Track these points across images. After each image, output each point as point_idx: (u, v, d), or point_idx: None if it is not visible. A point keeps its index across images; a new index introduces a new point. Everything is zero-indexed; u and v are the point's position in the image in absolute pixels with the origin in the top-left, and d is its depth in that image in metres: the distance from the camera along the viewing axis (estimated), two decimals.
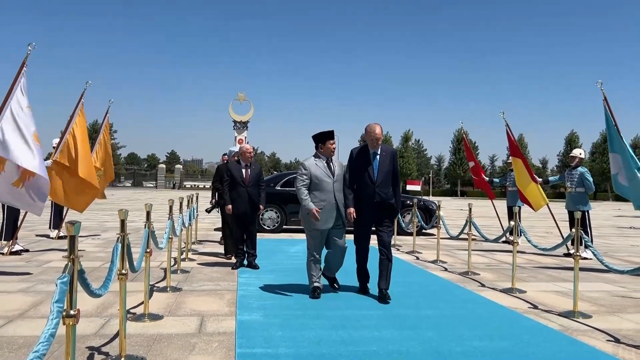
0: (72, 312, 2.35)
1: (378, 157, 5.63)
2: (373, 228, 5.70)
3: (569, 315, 5.07)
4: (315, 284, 5.68)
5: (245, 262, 7.60)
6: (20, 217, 8.58)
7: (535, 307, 5.44)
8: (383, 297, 5.43)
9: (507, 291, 6.16)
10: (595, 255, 5.20)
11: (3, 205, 8.31)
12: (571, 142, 69.97)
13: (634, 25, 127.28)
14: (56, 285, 2.20)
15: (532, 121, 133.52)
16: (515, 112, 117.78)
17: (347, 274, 6.18)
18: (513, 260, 6.32)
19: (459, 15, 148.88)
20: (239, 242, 7.65)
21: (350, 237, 5.72)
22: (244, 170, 7.58)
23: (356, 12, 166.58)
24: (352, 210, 5.54)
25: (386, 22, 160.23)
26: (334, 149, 5.78)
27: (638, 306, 5.60)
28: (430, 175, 71.40)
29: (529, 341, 4.20)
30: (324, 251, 5.86)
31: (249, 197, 7.50)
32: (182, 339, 4.06)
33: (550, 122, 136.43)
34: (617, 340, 4.28)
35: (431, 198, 30.00)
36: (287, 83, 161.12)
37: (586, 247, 5.59)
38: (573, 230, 5.26)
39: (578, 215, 5.26)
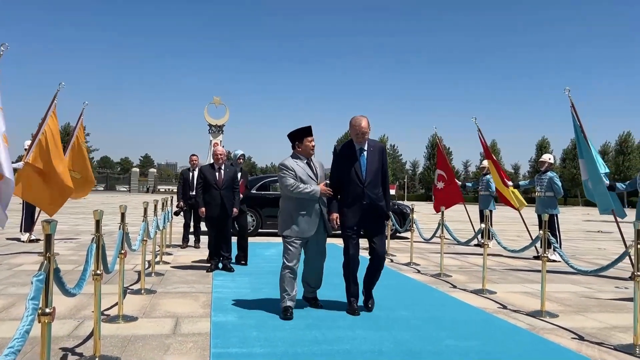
0: (47, 310, 2.37)
1: (365, 153, 5.08)
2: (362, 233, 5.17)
3: (536, 314, 5.22)
4: (288, 303, 4.95)
5: (220, 265, 7.60)
6: None
7: (504, 307, 5.59)
8: (366, 306, 5.16)
9: (478, 292, 6.31)
10: (561, 256, 5.37)
11: None
12: (542, 148, 71.13)
13: (603, 31, 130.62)
14: (32, 283, 2.22)
15: (505, 127, 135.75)
16: (489, 118, 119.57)
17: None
18: (483, 262, 6.46)
19: (433, 21, 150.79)
20: (213, 247, 7.64)
21: (332, 242, 5.66)
22: (217, 173, 7.59)
23: (331, 16, 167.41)
24: (335, 216, 5.03)
25: (360, 27, 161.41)
26: (314, 147, 5.20)
27: (602, 306, 5.79)
28: (405, 180, 71.94)
29: (498, 340, 4.32)
30: (301, 267, 5.25)
31: (222, 200, 7.51)
32: (157, 339, 4.08)
33: (523, 129, 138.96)
34: (581, 338, 4.44)
35: (406, 202, 30.30)
36: (263, 88, 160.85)
37: (554, 249, 5.74)
38: (540, 232, 5.42)
39: (545, 217, 5.42)
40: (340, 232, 5.18)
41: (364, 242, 5.18)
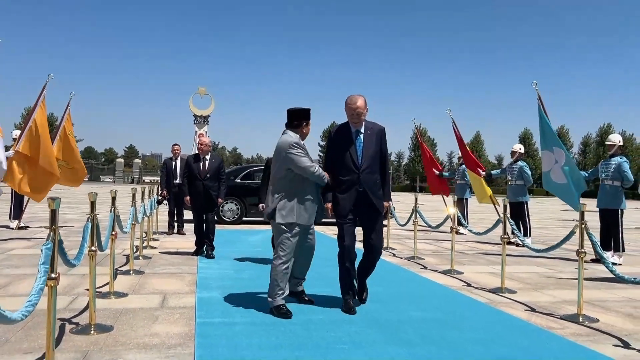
0: (53, 275, 2.75)
1: (362, 136, 4.66)
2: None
3: (496, 291, 5.69)
4: (283, 301, 4.52)
5: (205, 250, 7.96)
6: None
7: (469, 285, 6.05)
8: (359, 298, 4.92)
9: (446, 272, 6.77)
10: (517, 237, 5.84)
11: None
12: (525, 139, 72.16)
13: (587, 23, 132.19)
14: (41, 251, 2.60)
15: (488, 119, 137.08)
16: (473, 109, 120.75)
17: None
18: (452, 245, 6.93)
19: (418, 13, 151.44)
20: (198, 232, 7.99)
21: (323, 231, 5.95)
22: (200, 164, 7.90)
23: (319, 6, 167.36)
24: (329, 205, 4.67)
25: (347, 17, 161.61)
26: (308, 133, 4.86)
27: (559, 284, 6.28)
28: (390, 171, 72.68)
29: (458, 312, 4.78)
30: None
31: (205, 190, 7.82)
32: (146, 312, 4.46)
33: (506, 120, 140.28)
34: (533, 310, 4.91)
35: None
36: (249, 78, 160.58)
37: (512, 231, 6.21)
38: (501, 216, 5.88)
39: (506, 202, 5.88)
40: (334, 220, 4.80)
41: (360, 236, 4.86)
